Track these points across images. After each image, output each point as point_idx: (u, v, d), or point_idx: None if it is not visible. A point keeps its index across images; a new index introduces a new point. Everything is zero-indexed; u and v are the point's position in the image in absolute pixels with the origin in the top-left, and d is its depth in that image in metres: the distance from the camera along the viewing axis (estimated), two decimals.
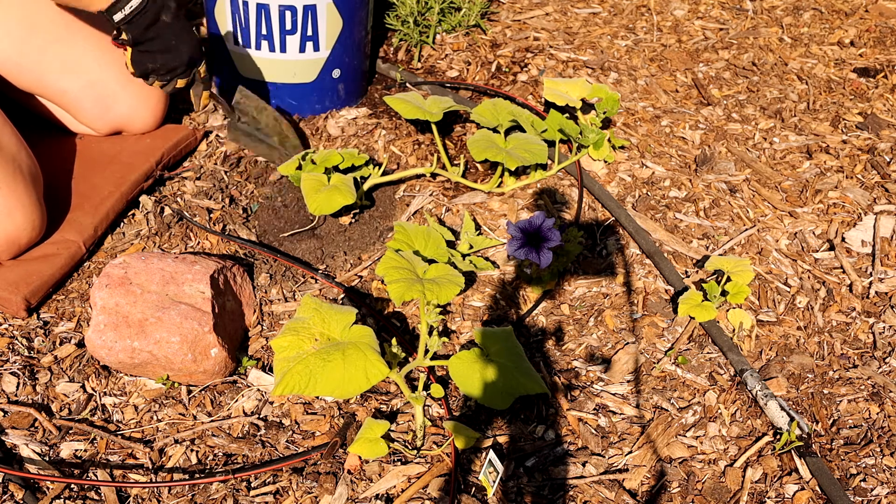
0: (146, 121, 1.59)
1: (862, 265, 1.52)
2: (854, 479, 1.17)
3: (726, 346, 1.33)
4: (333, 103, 1.79)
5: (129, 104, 1.56)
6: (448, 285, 1.20)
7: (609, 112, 1.68)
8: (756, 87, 2.01)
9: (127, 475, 1.11)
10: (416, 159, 1.70)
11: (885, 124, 1.90)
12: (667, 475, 1.16)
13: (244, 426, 1.18)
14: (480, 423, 1.21)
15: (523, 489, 1.12)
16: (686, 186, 1.67)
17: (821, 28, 2.29)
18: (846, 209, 1.64)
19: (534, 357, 1.31)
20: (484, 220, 1.56)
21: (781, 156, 1.79)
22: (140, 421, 1.19)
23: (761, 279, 1.48)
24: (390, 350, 1.17)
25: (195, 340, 1.17)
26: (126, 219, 1.50)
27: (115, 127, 1.59)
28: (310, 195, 1.43)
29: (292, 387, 1.06)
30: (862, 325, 1.41)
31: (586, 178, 1.65)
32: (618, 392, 1.27)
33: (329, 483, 1.11)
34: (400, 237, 1.37)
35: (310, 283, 1.41)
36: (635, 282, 1.45)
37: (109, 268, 1.22)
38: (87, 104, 1.53)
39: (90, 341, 1.17)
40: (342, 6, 1.64)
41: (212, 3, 1.65)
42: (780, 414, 1.22)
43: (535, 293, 1.42)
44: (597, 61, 2.04)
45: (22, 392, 1.20)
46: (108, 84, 1.53)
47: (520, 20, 2.19)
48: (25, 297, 1.28)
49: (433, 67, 1.97)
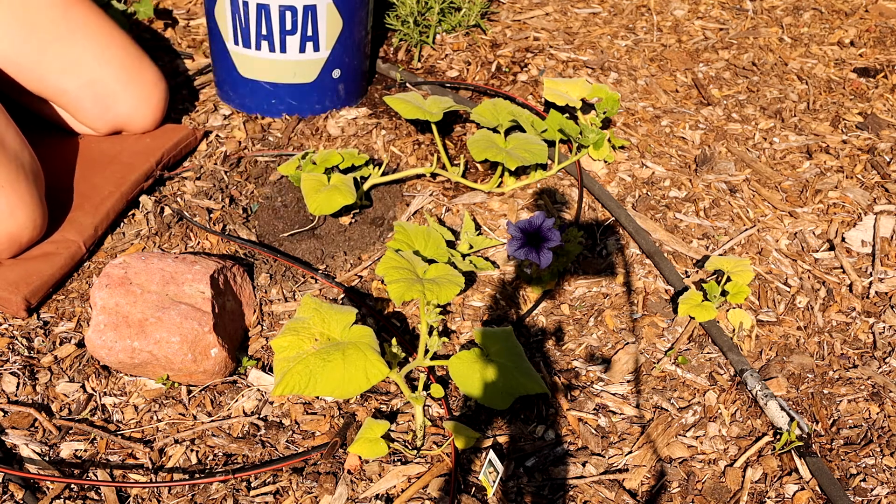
0: (146, 120, 1.59)
1: (862, 265, 1.52)
2: (854, 479, 1.17)
3: (726, 346, 1.33)
4: (333, 103, 1.79)
5: (130, 104, 1.56)
6: (448, 285, 1.20)
7: (609, 112, 1.68)
8: (756, 87, 2.01)
9: (127, 475, 1.11)
10: (416, 159, 1.70)
11: (885, 124, 1.90)
12: (667, 475, 1.16)
13: (244, 426, 1.18)
14: (480, 423, 1.21)
15: (523, 489, 1.12)
16: (686, 186, 1.67)
17: (821, 28, 2.29)
18: (846, 209, 1.64)
19: (534, 357, 1.31)
20: (484, 220, 1.56)
21: (781, 156, 1.79)
22: (140, 421, 1.19)
23: (761, 279, 1.48)
24: (390, 350, 1.17)
25: (195, 340, 1.17)
26: (126, 219, 1.50)
27: (115, 127, 1.59)
28: (310, 195, 1.43)
29: (292, 387, 1.06)
30: (862, 325, 1.41)
31: (586, 178, 1.65)
32: (618, 392, 1.27)
33: (329, 483, 1.11)
34: (400, 237, 1.37)
35: (310, 283, 1.41)
36: (635, 282, 1.45)
37: (109, 268, 1.22)
38: (87, 103, 1.53)
39: (90, 341, 1.17)
40: (342, 6, 1.64)
41: (212, 3, 1.65)
42: (780, 414, 1.22)
43: (535, 293, 1.42)
44: (597, 61, 2.04)
45: (22, 392, 1.20)
46: (108, 83, 1.53)
47: (520, 20, 2.19)
48: (26, 296, 1.28)
49: (433, 67, 1.97)
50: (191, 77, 1.89)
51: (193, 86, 1.86)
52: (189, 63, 1.94)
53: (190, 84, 1.87)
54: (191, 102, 1.81)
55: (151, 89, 1.57)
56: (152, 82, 1.59)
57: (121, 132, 1.61)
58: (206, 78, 1.89)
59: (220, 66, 1.75)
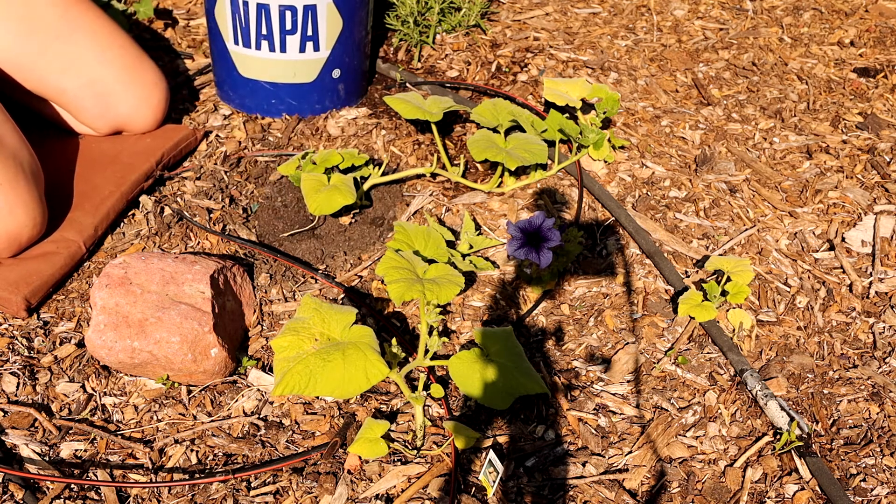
0: (147, 120, 1.59)
1: (862, 265, 1.52)
2: (854, 479, 1.17)
3: (726, 346, 1.33)
4: (333, 103, 1.79)
5: (130, 104, 1.56)
6: (448, 285, 1.20)
7: (609, 112, 1.68)
8: (756, 87, 2.01)
9: (127, 475, 1.11)
10: (416, 159, 1.70)
11: (885, 124, 1.90)
12: (667, 475, 1.16)
13: (244, 426, 1.18)
14: (480, 423, 1.21)
15: (523, 489, 1.12)
16: (686, 186, 1.67)
17: (821, 28, 2.29)
18: (846, 209, 1.64)
19: (534, 357, 1.31)
20: (484, 220, 1.56)
21: (781, 156, 1.79)
22: (140, 421, 1.18)
23: (761, 279, 1.48)
24: (390, 350, 1.17)
25: (195, 340, 1.17)
26: (126, 219, 1.50)
27: (115, 126, 1.59)
28: (310, 195, 1.43)
29: (292, 387, 1.06)
30: (862, 325, 1.41)
31: (586, 178, 1.65)
32: (618, 392, 1.27)
33: (329, 483, 1.11)
34: (400, 237, 1.37)
35: (310, 283, 1.41)
36: (635, 282, 1.45)
37: (109, 268, 1.22)
38: (88, 103, 1.53)
39: (90, 341, 1.17)
40: (342, 6, 1.64)
41: (212, 3, 1.65)
42: (780, 414, 1.22)
43: (535, 293, 1.42)
44: (597, 61, 2.04)
45: (22, 392, 1.20)
46: (109, 83, 1.53)
47: (520, 20, 2.19)
48: (25, 296, 1.28)
49: (433, 67, 1.97)
50: (191, 77, 1.89)
51: (193, 86, 1.86)
52: (189, 63, 1.94)
53: (190, 84, 1.87)
54: (191, 102, 1.81)
55: (152, 89, 1.57)
56: (153, 82, 1.59)
57: (121, 132, 1.61)
58: (206, 78, 1.89)
59: (220, 66, 1.75)
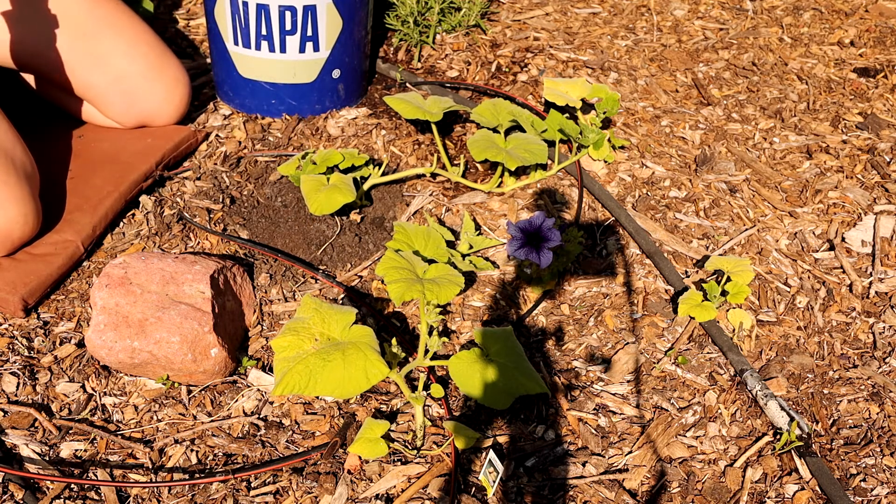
0: (171, 115, 1.64)
1: (862, 265, 1.52)
2: (854, 479, 1.17)
3: (726, 346, 1.33)
4: (333, 103, 1.79)
5: (155, 99, 1.60)
6: (448, 285, 1.20)
7: (609, 112, 1.68)
8: (756, 87, 2.01)
9: (127, 475, 1.11)
10: (416, 159, 1.70)
11: (885, 124, 1.90)
12: (667, 475, 1.16)
13: (244, 426, 1.18)
14: (480, 423, 1.21)
15: (523, 489, 1.12)
16: (686, 186, 1.67)
17: (821, 28, 2.29)
18: (846, 209, 1.64)
19: (534, 357, 1.31)
20: (484, 220, 1.56)
21: (781, 156, 1.79)
22: (140, 421, 1.18)
23: (761, 279, 1.48)
24: (390, 350, 1.17)
25: (195, 340, 1.17)
26: (126, 219, 1.50)
27: (141, 121, 1.63)
28: (310, 195, 1.43)
29: (292, 387, 1.06)
30: (862, 325, 1.41)
31: (586, 178, 1.65)
32: (618, 392, 1.27)
33: (329, 483, 1.11)
34: (400, 237, 1.37)
35: (310, 283, 1.41)
36: (635, 282, 1.45)
37: (109, 268, 1.22)
38: (114, 98, 1.57)
39: (90, 341, 1.17)
40: (342, 6, 1.64)
41: (212, 3, 1.65)
42: (780, 414, 1.22)
43: (535, 293, 1.42)
44: (597, 61, 2.04)
45: (22, 392, 1.20)
46: (135, 79, 1.57)
47: (520, 20, 2.19)
48: (23, 297, 1.28)
49: (433, 67, 1.97)
50: (191, 77, 1.88)
51: (193, 86, 1.86)
52: (189, 63, 1.94)
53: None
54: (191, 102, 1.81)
55: (175, 85, 1.62)
56: (176, 78, 1.63)
57: (146, 126, 1.65)
58: (205, 78, 1.89)
59: (219, 66, 1.75)
